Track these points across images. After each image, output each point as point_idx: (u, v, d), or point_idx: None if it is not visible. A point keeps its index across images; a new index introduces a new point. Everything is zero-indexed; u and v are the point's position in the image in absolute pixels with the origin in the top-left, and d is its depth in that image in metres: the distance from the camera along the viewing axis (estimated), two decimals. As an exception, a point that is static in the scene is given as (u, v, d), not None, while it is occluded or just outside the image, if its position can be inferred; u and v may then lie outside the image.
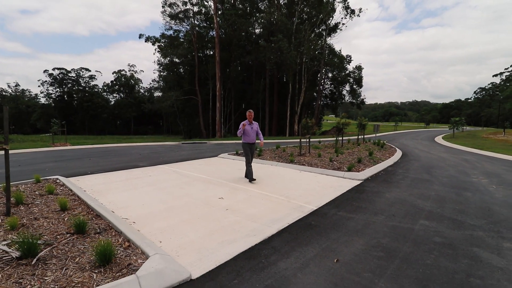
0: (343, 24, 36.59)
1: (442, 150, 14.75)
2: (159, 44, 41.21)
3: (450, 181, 6.67)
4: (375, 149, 12.12)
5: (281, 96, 35.48)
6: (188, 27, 38.21)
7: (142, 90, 71.71)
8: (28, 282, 2.19)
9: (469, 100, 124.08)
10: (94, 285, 2.16)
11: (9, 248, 2.61)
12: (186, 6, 36.92)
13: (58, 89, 60.92)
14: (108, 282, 2.20)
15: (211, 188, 5.55)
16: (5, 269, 2.34)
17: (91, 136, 45.53)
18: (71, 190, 4.96)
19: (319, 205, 4.52)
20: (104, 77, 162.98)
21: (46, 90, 60.42)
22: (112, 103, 68.43)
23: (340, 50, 38.24)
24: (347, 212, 4.22)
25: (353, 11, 34.60)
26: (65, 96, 61.18)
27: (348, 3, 33.67)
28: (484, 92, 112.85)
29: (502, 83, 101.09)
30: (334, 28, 36.91)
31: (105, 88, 68.45)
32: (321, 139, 20.05)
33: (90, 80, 63.77)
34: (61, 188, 5.12)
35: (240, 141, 6.40)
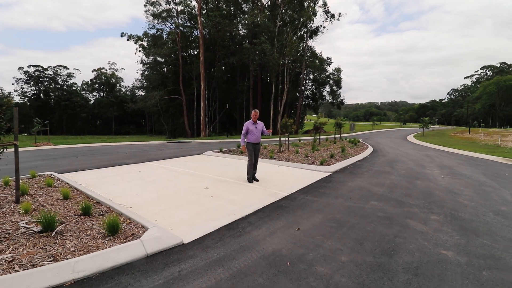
0: (324, 27, 38.11)
1: (410, 147, 16.15)
2: (141, 43, 40.82)
3: (407, 173, 7.70)
4: (348, 146, 13.19)
5: (265, 96, 36.34)
6: (172, 26, 38.18)
7: (123, 89, 70.21)
8: (52, 248, 2.76)
9: (443, 101, 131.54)
10: (107, 247, 2.78)
11: (30, 225, 3.15)
12: (169, 6, 36.90)
13: (33, 88, 58.39)
14: (118, 245, 2.82)
15: (197, 181, 6.18)
16: (30, 239, 2.90)
17: (70, 136, 44.18)
18: (67, 184, 5.42)
19: (291, 192, 5.29)
20: (83, 75, 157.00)
21: (21, 88, 57.74)
22: (92, 102, 66.48)
23: (321, 53, 39.76)
24: (313, 197, 5.02)
25: (333, 15, 36.10)
26: (41, 95, 58.75)
27: (328, 7, 35.11)
28: (456, 93, 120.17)
29: (473, 84, 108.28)
30: (316, 31, 38.30)
31: (84, 86, 66.37)
32: (302, 138, 21.05)
33: (68, 78, 61.62)
34: (57, 182, 5.56)
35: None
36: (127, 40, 39.61)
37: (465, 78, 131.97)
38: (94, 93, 68.42)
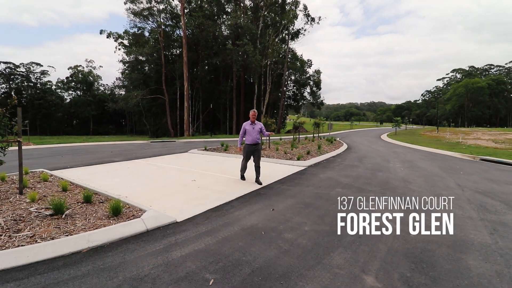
0: (305, 29, 39.39)
1: (381, 144, 17.51)
2: (122, 41, 40.07)
3: (372, 166, 8.69)
4: (325, 144, 14.19)
5: (248, 96, 37.03)
6: (154, 24, 37.86)
7: (102, 88, 68.12)
8: (64, 226, 3.28)
9: (418, 102, 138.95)
10: (113, 225, 3.34)
11: (40, 210, 3.62)
12: (150, 4, 36.57)
13: (4, 85, 55.30)
14: (122, 222, 3.39)
15: (185, 175, 6.75)
16: (43, 221, 3.39)
17: (46, 136, 42.44)
18: (61, 178, 5.80)
19: (269, 183, 6.01)
20: (58, 73, 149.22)
21: (-11, 85, 54.46)
22: (68, 101, 63.90)
23: (301, 55, 41.13)
24: (288, 186, 5.77)
25: (313, 19, 37.50)
26: (13, 93, 55.68)
27: (308, 11, 36.44)
28: (430, 94, 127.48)
29: (444, 86, 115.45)
30: (297, 33, 39.52)
31: (59, 84, 63.65)
32: (283, 137, 21.96)
33: (42, 76, 58.90)
34: (51, 177, 5.92)
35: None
36: (107, 37, 38.75)
37: (437, 80, 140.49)
38: (70, 92, 65.76)
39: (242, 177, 6.21)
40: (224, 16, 38.28)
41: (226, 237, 3.24)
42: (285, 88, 38.89)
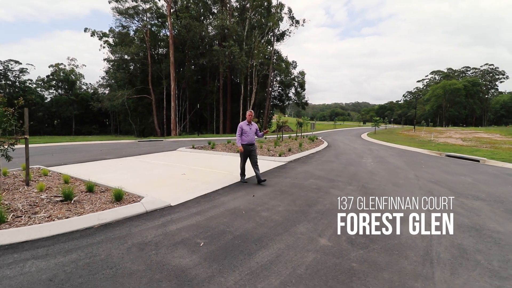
0: (290, 31, 40.44)
1: (360, 143, 18.69)
2: (106, 39, 39.55)
3: (346, 161, 9.61)
4: (306, 142, 15.11)
5: (234, 96, 37.61)
6: (139, 23, 37.65)
7: (84, 87, 66.45)
8: (75, 209, 3.86)
9: (400, 102, 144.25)
10: (116, 207, 3.95)
11: (51, 197, 4.17)
12: (136, 3, 36.36)
13: (-21, 83, 52.90)
14: (125, 205, 4.01)
15: (175, 169, 7.35)
16: (56, 205, 3.95)
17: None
18: (60, 174, 6.26)
19: (252, 175, 6.73)
20: (38, 71, 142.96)
21: (-37, 83, 51.94)
22: (49, 100, 61.89)
23: (286, 56, 42.17)
24: (268, 178, 6.52)
25: (297, 21, 38.57)
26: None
27: (293, 14, 37.49)
28: (411, 95, 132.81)
29: (424, 87, 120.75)
30: (282, 35, 40.50)
31: (39, 83, 61.54)
32: (267, 136, 22.77)
33: (21, 74, 56.79)
34: (50, 173, 6.36)
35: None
36: (91, 36, 38.22)
37: (417, 81, 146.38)
38: (51, 91, 63.77)
39: (244, 181, 6.05)
40: (211, 17, 38.68)
41: (213, 216, 3.94)
42: (270, 89, 39.81)
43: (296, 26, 38.39)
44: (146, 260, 2.70)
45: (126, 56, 38.68)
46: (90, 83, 65.63)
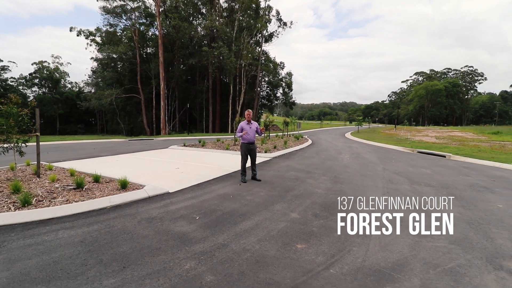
0: (278, 32, 41.42)
1: (342, 141, 19.85)
2: (93, 37, 39.20)
3: (325, 157, 10.58)
4: (292, 140, 16.06)
5: (224, 96, 38.23)
6: (127, 22, 37.56)
7: (69, 85, 65.10)
8: (87, 195, 4.55)
9: (385, 102, 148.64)
10: (123, 193, 4.67)
11: (64, 186, 4.84)
12: (124, 2, 36.27)
13: (-43, 81, 50.96)
14: (130, 192, 4.73)
15: (169, 164, 8.06)
16: (70, 192, 4.62)
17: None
18: (63, 168, 6.85)
19: (237, 169, 7.54)
20: (20, 69, 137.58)
21: None
22: (32, 98, 60.28)
23: (274, 57, 43.18)
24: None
25: (285, 23, 39.63)
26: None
27: (280, 16, 38.50)
28: (395, 95, 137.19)
29: (407, 88, 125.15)
30: (271, 36, 41.45)
31: (22, 81, 59.83)
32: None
33: (2, 72, 55.08)
34: (54, 168, 6.93)
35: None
36: (77, 35, 37.81)
37: (401, 82, 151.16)
38: (34, 89, 62.14)
39: (243, 181, 6.04)
40: (200, 17, 39.08)
41: (206, 199, 4.74)
42: (259, 89, 40.71)
43: (283, 28, 39.43)
44: (154, 228, 3.47)
45: (114, 55, 38.49)
46: (75, 82, 64.36)
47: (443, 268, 2.67)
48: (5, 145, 5.08)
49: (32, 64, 60.55)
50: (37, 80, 60.92)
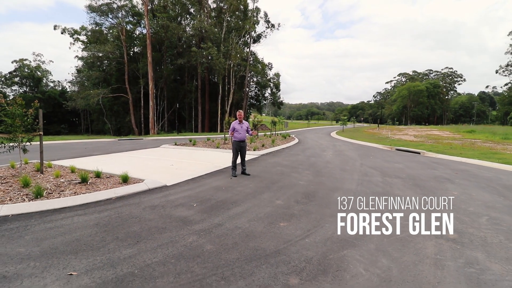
0: (266, 33, 42.15)
1: (327, 139, 20.79)
2: (78, 36, 38.51)
3: (310, 154, 11.33)
4: (279, 139, 16.77)
5: (213, 96, 38.54)
6: (114, 20, 37.14)
7: (52, 84, 63.24)
8: (92, 188, 5.01)
9: (370, 102, 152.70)
10: (125, 186, 5.16)
11: (69, 180, 5.27)
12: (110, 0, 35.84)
13: None
14: (131, 185, 5.23)
15: (163, 162, 8.53)
16: (76, 186, 5.07)
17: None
18: (62, 166, 7.20)
19: (228, 165, 8.14)
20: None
21: None
22: (11, 98, 58.10)
23: (262, 58, 43.92)
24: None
25: (273, 25, 40.42)
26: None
27: (268, 18, 39.28)
28: (380, 96, 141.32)
29: (391, 89, 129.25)
30: (259, 37, 42.14)
31: (1, 79, 57.62)
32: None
33: (-21, 70, 52.78)
34: (53, 165, 7.26)
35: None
36: (61, 33, 37.07)
37: (386, 83, 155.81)
38: (14, 88, 59.98)
39: (234, 175, 6.61)
40: (188, 17, 39.19)
41: (201, 191, 5.31)
42: (247, 89, 41.31)
43: (271, 29, 40.19)
44: (158, 213, 4.02)
45: (100, 54, 37.93)
46: (58, 81, 62.60)
47: (395, 237, 3.39)
48: (11, 144, 5.43)
49: (12, 62, 58.44)
50: (18, 78, 58.87)
